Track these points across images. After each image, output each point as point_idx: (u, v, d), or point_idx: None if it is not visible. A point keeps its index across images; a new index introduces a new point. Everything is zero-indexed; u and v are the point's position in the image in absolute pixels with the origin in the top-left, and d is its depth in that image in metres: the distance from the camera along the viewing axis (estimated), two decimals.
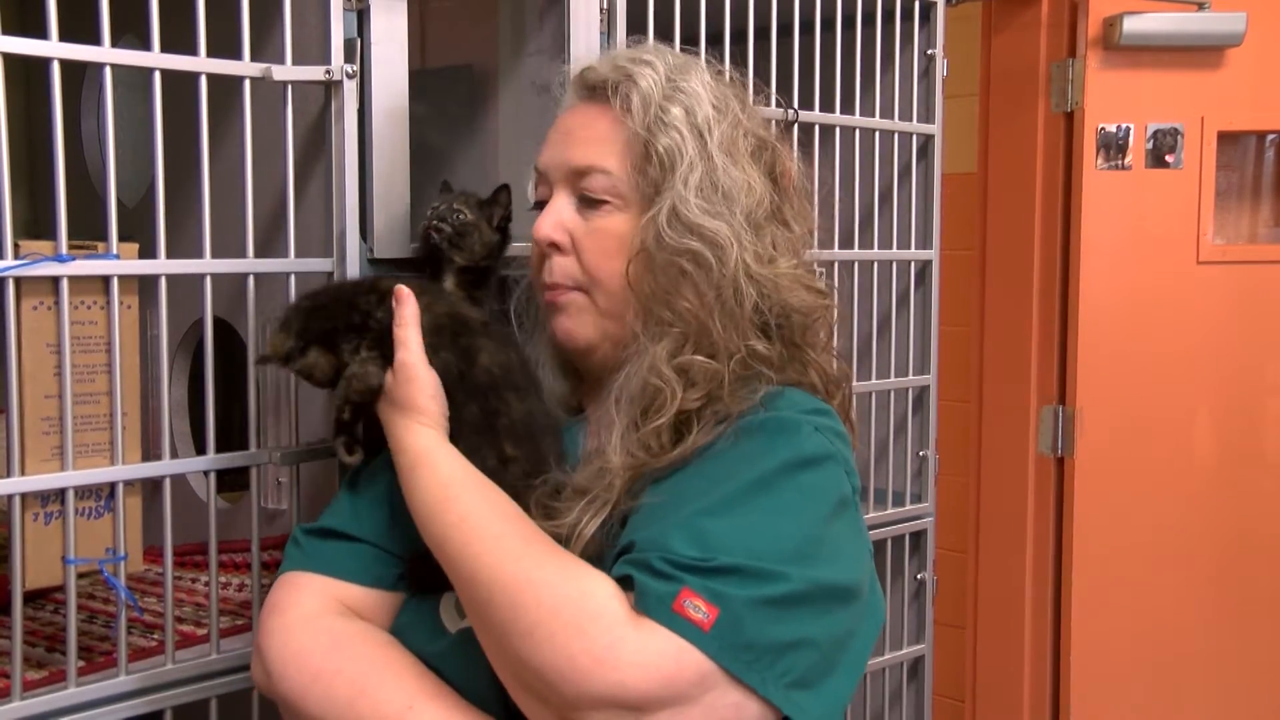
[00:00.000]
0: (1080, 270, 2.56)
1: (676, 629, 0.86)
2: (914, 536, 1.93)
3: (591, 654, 0.85)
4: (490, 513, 0.97)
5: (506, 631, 0.89)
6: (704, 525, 0.91)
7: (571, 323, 1.11)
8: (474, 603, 0.93)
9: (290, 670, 1.01)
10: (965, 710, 2.81)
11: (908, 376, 1.90)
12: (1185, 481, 2.63)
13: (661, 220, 1.05)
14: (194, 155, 1.17)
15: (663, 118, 1.07)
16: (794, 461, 0.97)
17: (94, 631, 1.24)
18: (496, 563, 0.92)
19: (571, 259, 1.10)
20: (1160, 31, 2.49)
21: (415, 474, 1.02)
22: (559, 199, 1.11)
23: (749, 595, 0.88)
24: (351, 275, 1.26)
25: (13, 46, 1.03)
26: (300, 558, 1.10)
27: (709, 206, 1.06)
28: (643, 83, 1.09)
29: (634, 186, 1.08)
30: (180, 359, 1.50)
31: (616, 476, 1.01)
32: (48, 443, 1.12)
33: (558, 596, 0.88)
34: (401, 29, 1.29)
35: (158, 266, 1.16)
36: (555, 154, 1.12)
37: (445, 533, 0.97)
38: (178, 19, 1.14)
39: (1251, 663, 2.67)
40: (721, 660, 0.86)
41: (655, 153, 1.07)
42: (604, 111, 1.11)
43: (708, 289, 1.04)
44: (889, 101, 1.85)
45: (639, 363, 1.06)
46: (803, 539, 0.93)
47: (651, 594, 0.87)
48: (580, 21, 1.45)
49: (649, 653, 0.85)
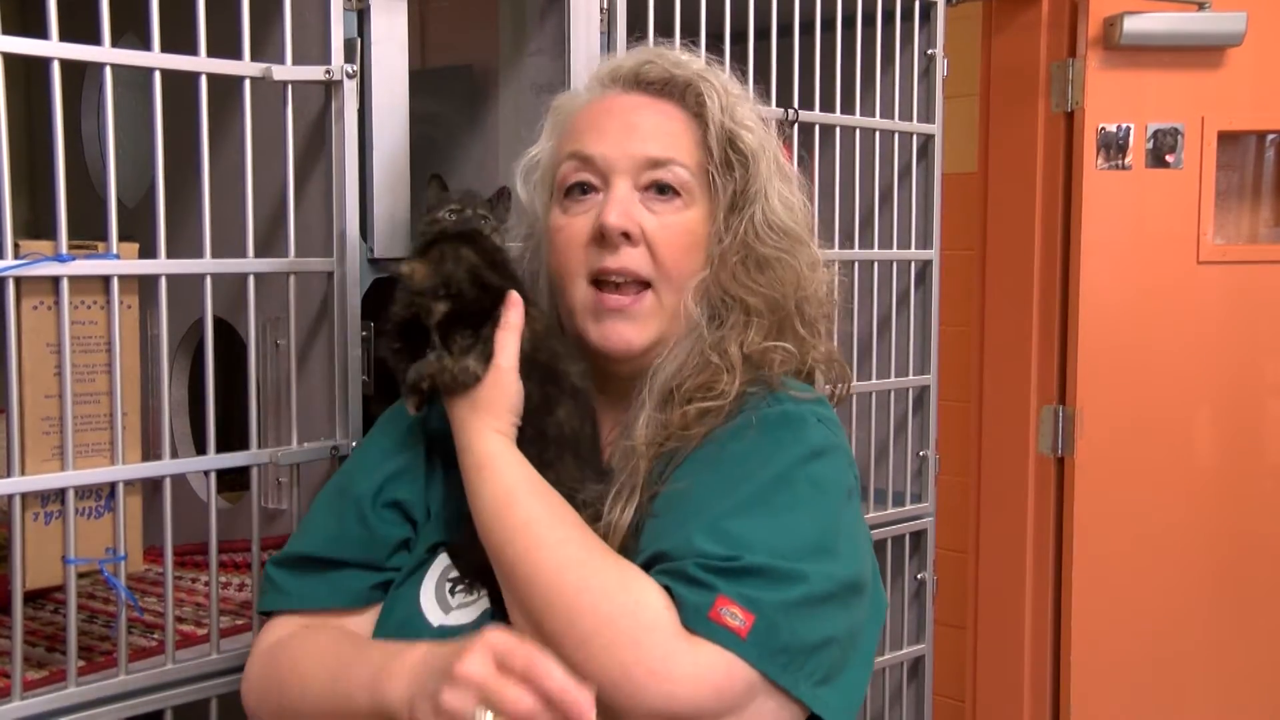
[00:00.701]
0: (1080, 270, 2.56)
1: (716, 638, 0.87)
2: (914, 536, 1.93)
3: (646, 666, 0.86)
4: (552, 519, 0.97)
5: (561, 638, 0.89)
6: (728, 526, 0.93)
7: (634, 329, 1.08)
8: (530, 608, 0.93)
9: (253, 702, 1.07)
10: (965, 710, 2.81)
11: (908, 376, 1.90)
12: (1185, 481, 2.63)
13: (758, 217, 1.09)
14: (194, 155, 1.17)
15: (736, 118, 1.11)
16: (804, 455, 0.99)
17: (94, 631, 1.24)
18: (555, 569, 0.92)
19: (643, 250, 1.07)
20: (1160, 31, 2.49)
21: (480, 475, 1.01)
22: (620, 187, 1.08)
23: (780, 599, 0.89)
24: (354, 277, 1.27)
25: (13, 46, 1.03)
26: (274, 595, 1.10)
27: (785, 209, 1.11)
28: (716, 81, 1.11)
29: (705, 184, 1.10)
30: (180, 359, 1.50)
31: (641, 458, 1.03)
32: (48, 442, 1.12)
33: (614, 606, 0.89)
34: (402, 29, 1.29)
35: (158, 266, 1.15)
36: (619, 143, 1.09)
37: (508, 536, 0.96)
38: (178, 19, 1.14)
39: (1251, 661, 2.67)
40: (760, 666, 0.88)
41: (741, 149, 1.09)
42: (670, 108, 1.11)
43: (790, 289, 1.10)
44: (889, 101, 1.85)
45: (690, 344, 1.07)
46: (820, 533, 0.96)
47: (689, 604, 0.89)
48: (580, 21, 1.45)
49: (701, 665, 0.87)
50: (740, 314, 1.08)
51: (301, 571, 1.10)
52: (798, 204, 1.14)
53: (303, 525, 1.14)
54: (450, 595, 1.05)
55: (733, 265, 1.09)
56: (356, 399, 1.28)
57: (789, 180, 1.15)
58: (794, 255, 1.11)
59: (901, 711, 1.98)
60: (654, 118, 1.11)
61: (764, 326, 1.09)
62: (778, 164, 1.13)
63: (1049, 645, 2.66)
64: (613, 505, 1.02)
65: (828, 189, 1.81)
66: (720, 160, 1.10)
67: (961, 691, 2.81)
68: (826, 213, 1.82)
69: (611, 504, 1.02)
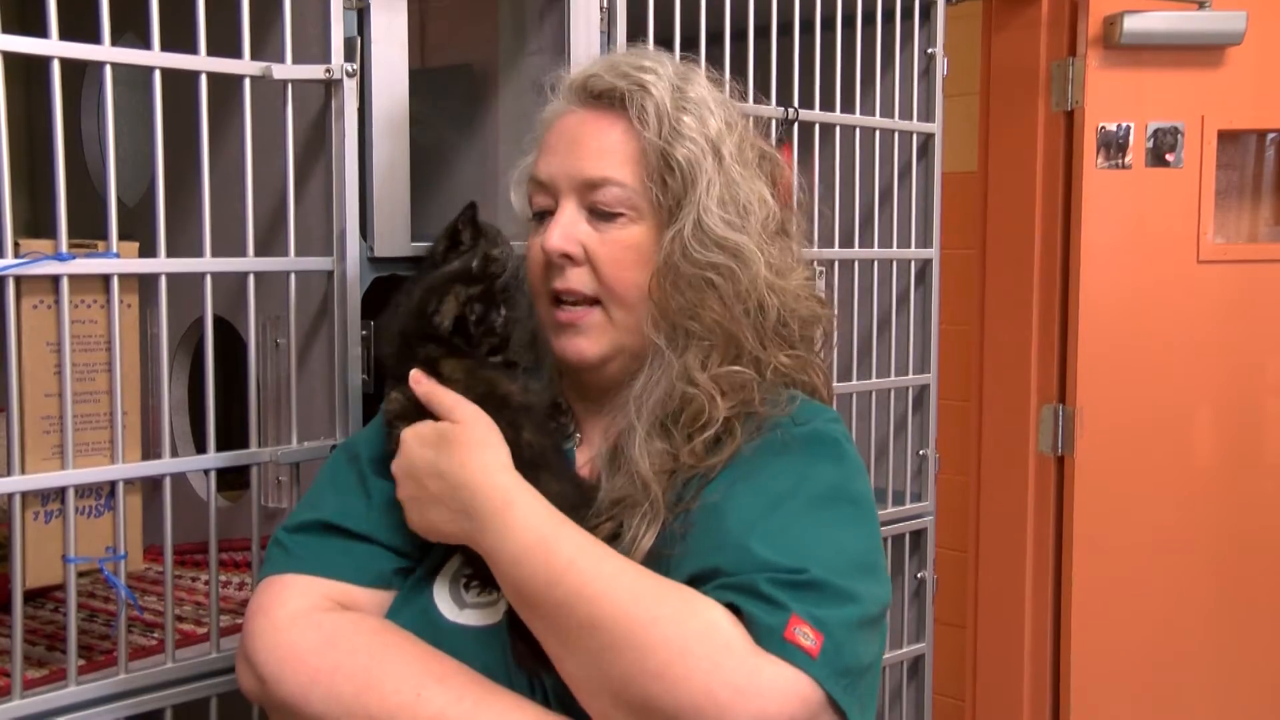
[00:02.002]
0: (1080, 269, 2.56)
1: (790, 658, 0.87)
2: (914, 535, 1.93)
3: (732, 686, 0.86)
4: (595, 552, 0.94)
5: (634, 674, 0.88)
6: (786, 538, 0.93)
7: (586, 341, 1.08)
8: (590, 648, 0.90)
9: (286, 672, 0.97)
10: (965, 709, 2.81)
11: (908, 375, 1.90)
12: (1185, 480, 2.63)
13: (687, 234, 1.05)
14: (194, 154, 1.17)
15: (677, 128, 1.07)
16: (844, 475, 1.01)
17: (94, 630, 1.24)
18: (617, 604, 0.90)
19: (585, 269, 1.07)
20: (1160, 30, 2.49)
21: (507, 516, 0.96)
22: (567, 209, 1.08)
23: (843, 619, 0.90)
24: (354, 276, 1.27)
25: (13, 45, 1.03)
26: (285, 559, 1.06)
27: (729, 219, 1.07)
28: (655, 92, 1.07)
29: (649, 198, 1.07)
30: (180, 358, 1.50)
31: (653, 484, 1.02)
32: (48, 441, 1.12)
33: (686, 633, 0.88)
34: (401, 28, 1.29)
35: (158, 265, 1.16)
36: (562, 163, 1.09)
37: (555, 577, 0.92)
38: (178, 18, 1.14)
39: (1251, 660, 2.67)
40: (827, 685, 0.88)
41: (675, 164, 1.06)
42: (613, 121, 1.09)
43: (734, 302, 1.06)
44: (889, 100, 1.85)
45: (663, 372, 1.06)
46: (865, 551, 0.97)
47: (763, 625, 0.88)
48: (580, 20, 1.45)
49: (783, 679, 0.87)
50: (690, 336, 1.06)
51: (319, 535, 1.06)
52: (754, 209, 1.09)
53: (313, 498, 1.11)
54: (465, 591, 1.05)
55: (663, 284, 1.06)
56: (356, 398, 1.28)
57: (753, 182, 1.10)
58: (735, 268, 1.06)
59: (901, 710, 1.98)
60: (597, 134, 1.09)
61: (719, 348, 1.06)
62: (736, 170, 1.08)
63: (1049, 644, 2.66)
64: (636, 526, 1.01)
65: (828, 188, 1.81)
66: (656, 173, 1.06)
67: (961, 690, 2.81)
68: (827, 212, 1.82)
69: (637, 523, 1.01)
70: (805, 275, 1.14)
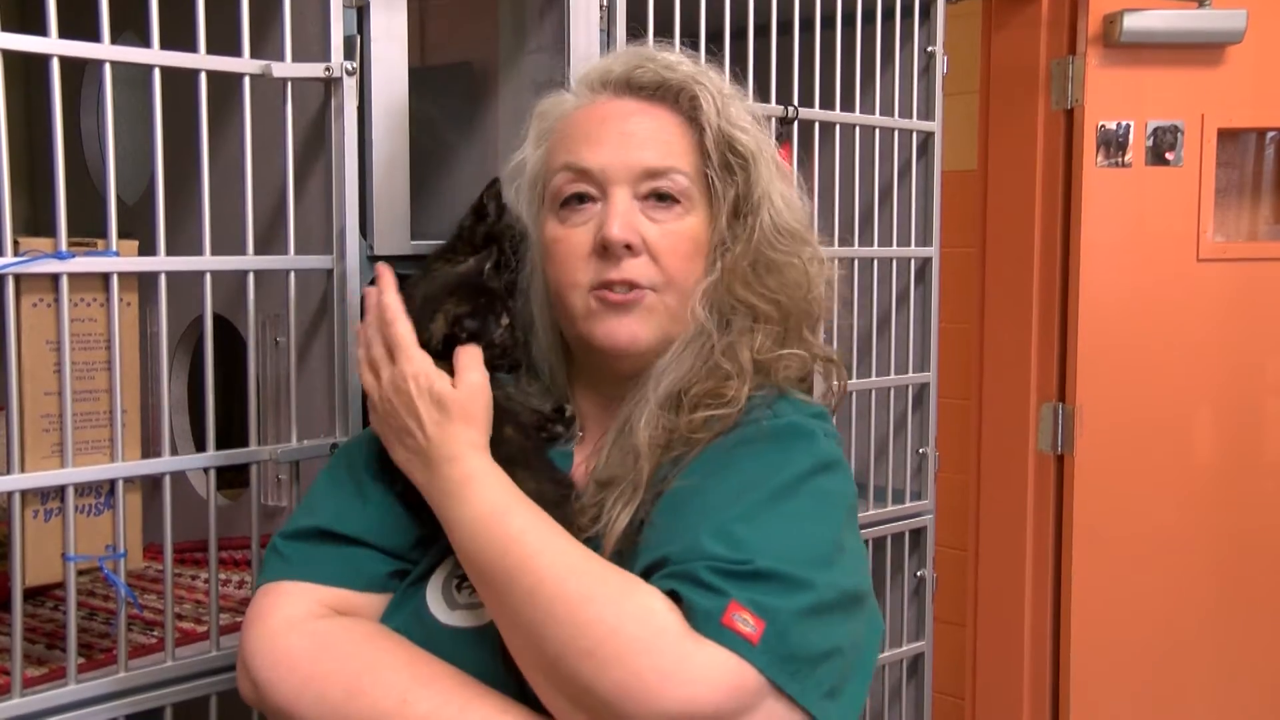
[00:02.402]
0: (1080, 268, 2.56)
1: (727, 643, 0.86)
2: (914, 534, 1.93)
3: (660, 671, 0.85)
4: (547, 527, 0.95)
5: (565, 650, 0.88)
6: (736, 530, 0.92)
7: (638, 324, 1.07)
8: (530, 621, 0.91)
9: (279, 678, 0.98)
10: (965, 707, 2.81)
11: (908, 374, 1.90)
12: (1185, 479, 2.63)
13: (765, 221, 1.08)
14: (194, 152, 1.17)
15: (733, 119, 1.10)
16: (813, 467, 0.99)
17: (94, 628, 1.24)
18: (558, 577, 0.90)
19: (645, 260, 1.07)
20: (1160, 29, 2.49)
21: (469, 486, 0.98)
22: (619, 198, 1.07)
23: (790, 606, 0.89)
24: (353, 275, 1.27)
25: (12, 43, 1.03)
26: (282, 566, 1.06)
27: (788, 210, 1.11)
28: (709, 84, 1.10)
29: (703, 188, 1.09)
30: (180, 356, 1.50)
31: (644, 459, 1.02)
32: (48, 440, 1.12)
33: (621, 614, 0.87)
34: (401, 26, 1.29)
35: (157, 264, 1.16)
36: (615, 153, 1.08)
37: (504, 545, 0.93)
38: (177, 16, 1.14)
39: (1250, 657, 2.68)
40: (769, 673, 0.87)
41: (740, 150, 1.08)
42: (665, 112, 1.10)
43: (801, 291, 1.10)
44: (889, 99, 1.85)
45: (696, 350, 1.07)
46: (825, 543, 0.95)
47: (700, 609, 0.87)
48: (580, 18, 1.45)
49: (714, 666, 0.86)
50: (748, 319, 1.08)
51: (315, 543, 1.07)
52: (797, 202, 1.14)
53: (310, 503, 1.11)
54: (456, 592, 1.05)
55: (743, 270, 1.08)
56: (356, 396, 1.28)
57: (787, 178, 1.14)
58: (800, 257, 1.11)
59: (901, 709, 1.99)
60: (649, 124, 1.09)
61: (773, 332, 1.08)
62: (775, 163, 1.13)
63: (1048, 642, 2.66)
64: (613, 504, 1.01)
65: (827, 187, 1.81)
66: (719, 164, 1.09)
67: (961, 689, 2.82)
68: (826, 210, 1.82)
69: (612, 503, 1.01)
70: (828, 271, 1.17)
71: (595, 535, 1.01)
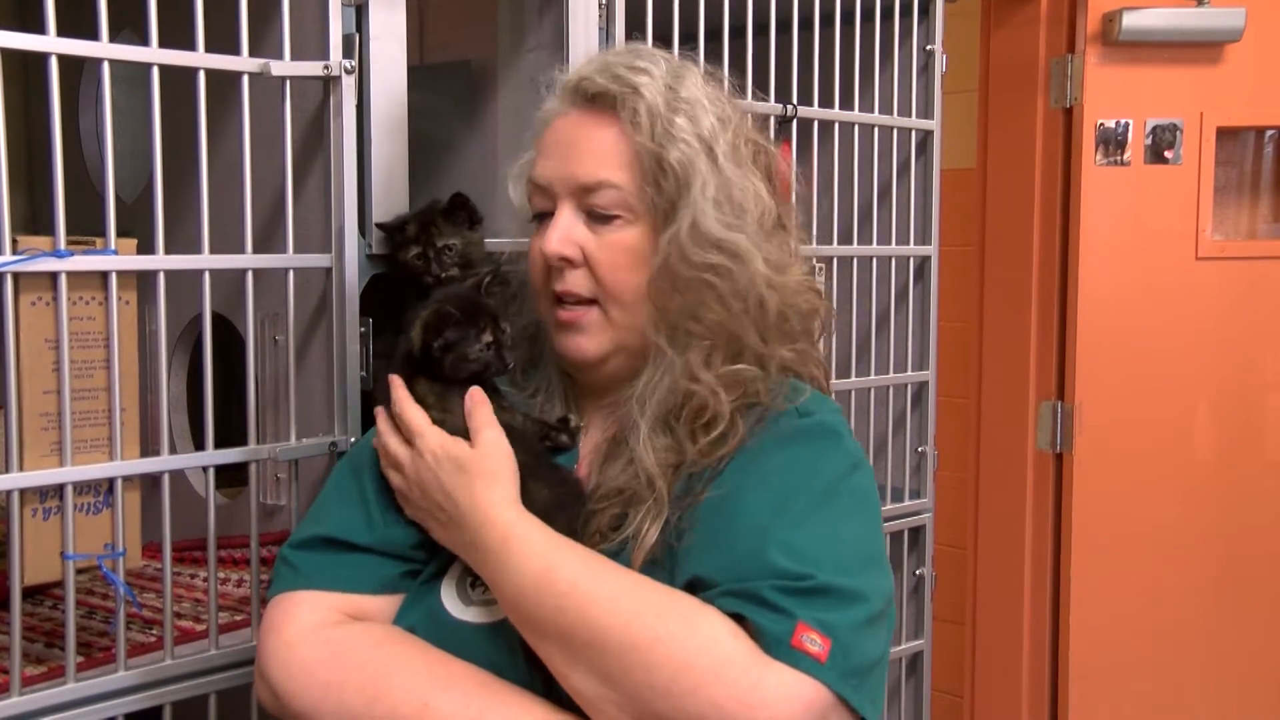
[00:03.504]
0: (1079, 266, 2.56)
1: (799, 665, 0.89)
2: (913, 532, 1.93)
3: (736, 698, 0.87)
4: (595, 573, 0.96)
5: (642, 691, 0.90)
6: (793, 540, 0.94)
7: (585, 339, 1.09)
8: (601, 668, 0.92)
9: (298, 688, 1.00)
10: (964, 705, 2.81)
11: (907, 372, 1.90)
12: (1184, 477, 2.63)
13: (683, 236, 1.05)
14: (192, 151, 1.17)
15: (670, 130, 1.06)
16: (848, 467, 1.02)
17: (93, 627, 1.24)
18: (621, 625, 0.91)
19: (584, 272, 1.08)
20: (1159, 27, 2.49)
21: (509, 547, 0.98)
22: (564, 212, 1.08)
23: (850, 621, 0.92)
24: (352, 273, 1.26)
25: (11, 42, 1.03)
26: (292, 576, 1.07)
27: (725, 218, 1.07)
28: (647, 94, 1.07)
29: (644, 200, 1.07)
30: (179, 354, 1.50)
31: (658, 478, 1.02)
32: (46, 438, 1.12)
33: (688, 649, 0.89)
34: (400, 24, 1.29)
35: (156, 262, 1.15)
36: (557, 167, 1.09)
37: (557, 604, 0.94)
38: (176, 14, 1.14)
39: (1250, 656, 2.67)
40: (837, 688, 0.89)
41: (668, 166, 1.06)
42: (607, 123, 1.08)
43: (734, 301, 1.07)
44: (888, 97, 1.85)
45: (665, 370, 1.07)
46: (869, 543, 0.99)
47: (770, 634, 0.90)
48: (579, 17, 1.45)
49: (787, 686, 0.88)
50: (687, 335, 1.07)
51: (324, 551, 1.08)
52: (749, 209, 1.08)
53: (317, 511, 1.12)
54: (470, 589, 1.05)
55: (665, 288, 1.07)
56: (355, 394, 1.28)
57: (749, 178, 1.10)
58: (734, 268, 1.06)
59: (900, 706, 1.99)
60: (589, 138, 1.09)
61: (721, 347, 1.07)
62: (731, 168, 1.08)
63: (1047, 640, 2.66)
64: (641, 519, 1.02)
65: (827, 185, 1.81)
66: (650, 175, 1.06)
67: (960, 687, 2.82)
68: (825, 209, 1.82)
69: (640, 518, 1.02)
70: (804, 269, 1.15)
71: (619, 543, 1.02)
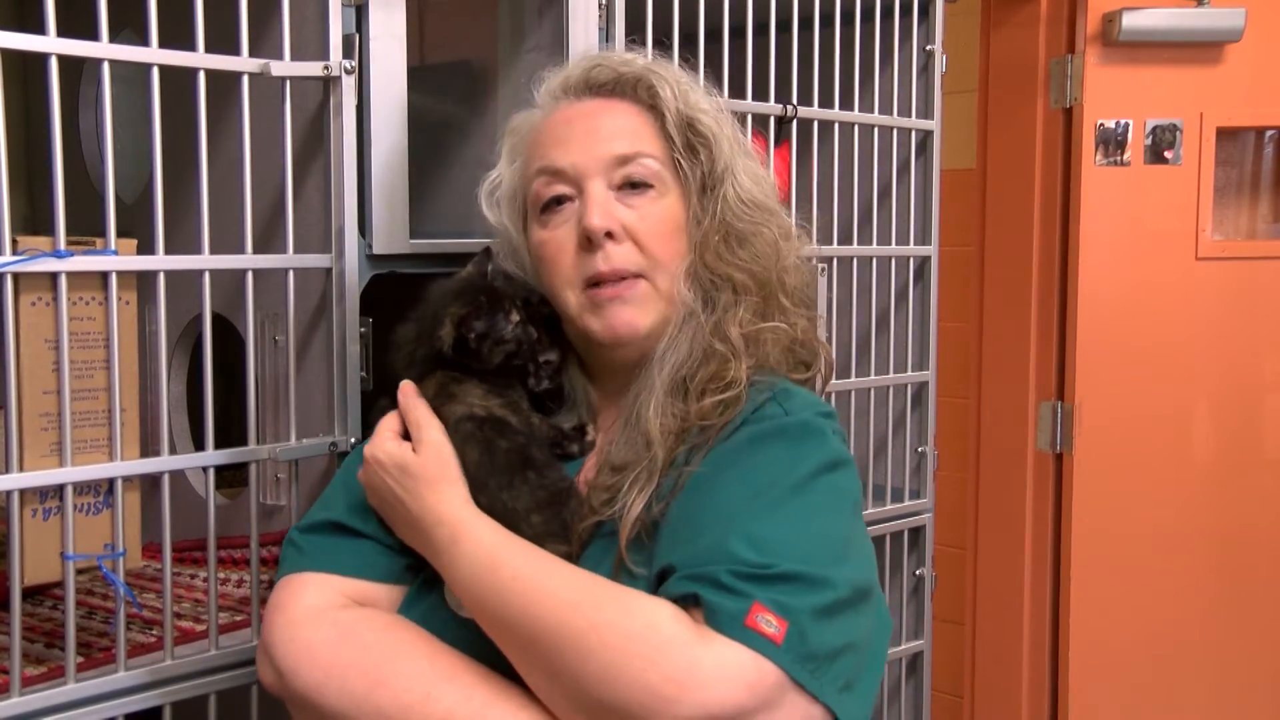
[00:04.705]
0: (1079, 266, 2.56)
1: (752, 644, 0.88)
2: (913, 532, 1.93)
3: (673, 679, 0.86)
4: (539, 567, 0.97)
5: (580, 679, 0.90)
6: (757, 531, 0.94)
7: (635, 312, 1.09)
8: (542, 657, 0.93)
9: (302, 667, 1.00)
10: (964, 706, 2.81)
11: (906, 372, 1.90)
12: (1184, 477, 2.63)
13: (730, 195, 1.11)
14: (192, 151, 1.17)
15: (689, 102, 1.13)
16: (825, 465, 1.01)
17: (93, 627, 1.24)
18: (557, 615, 0.92)
19: (629, 245, 1.09)
20: (1159, 27, 2.49)
21: (458, 545, 1.00)
22: (595, 190, 1.10)
23: (810, 605, 0.91)
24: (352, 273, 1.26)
25: (11, 42, 1.03)
26: (299, 558, 1.08)
27: (753, 183, 1.14)
28: (665, 73, 1.14)
29: (673, 171, 1.12)
30: (179, 355, 1.50)
31: (659, 446, 1.03)
32: (46, 439, 1.12)
33: (625, 634, 0.89)
34: (400, 25, 1.29)
35: (156, 262, 1.15)
36: (583, 148, 1.11)
37: (501, 596, 0.96)
38: (176, 14, 1.14)
39: (1250, 656, 2.68)
40: (792, 671, 0.89)
41: (702, 131, 1.12)
42: (624, 105, 1.14)
43: (771, 261, 1.12)
44: (888, 97, 1.85)
45: (690, 332, 1.09)
46: (839, 538, 0.98)
47: (723, 611, 0.89)
48: (579, 17, 1.45)
49: (727, 665, 0.87)
50: (729, 294, 1.10)
51: (330, 535, 1.09)
52: (763, 176, 1.17)
53: (326, 498, 1.14)
54: None
55: (715, 244, 1.11)
56: (355, 395, 1.28)
57: (751, 155, 1.18)
58: (769, 226, 1.14)
59: (900, 707, 1.99)
60: (612, 117, 1.13)
61: (753, 304, 1.11)
62: (738, 141, 1.16)
63: (1047, 641, 2.66)
64: (629, 489, 1.03)
65: (827, 185, 1.81)
66: (683, 146, 1.12)
67: (960, 687, 2.82)
68: (825, 209, 1.82)
69: (628, 488, 1.03)
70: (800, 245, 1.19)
71: (610, 519, 1.03)
